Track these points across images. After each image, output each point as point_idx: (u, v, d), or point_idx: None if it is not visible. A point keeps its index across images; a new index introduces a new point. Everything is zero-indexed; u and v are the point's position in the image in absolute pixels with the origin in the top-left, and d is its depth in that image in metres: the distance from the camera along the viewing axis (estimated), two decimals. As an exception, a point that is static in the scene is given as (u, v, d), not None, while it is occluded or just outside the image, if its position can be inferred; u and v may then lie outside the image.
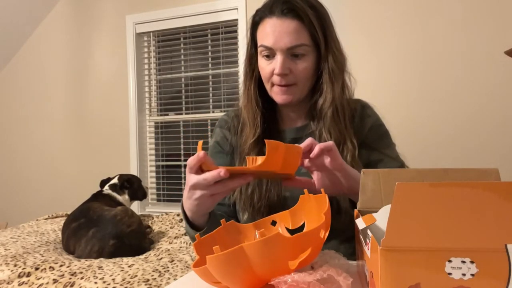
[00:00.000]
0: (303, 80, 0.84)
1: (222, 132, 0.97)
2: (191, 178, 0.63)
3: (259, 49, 0.85)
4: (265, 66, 0.84)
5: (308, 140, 0.67)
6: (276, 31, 0.80)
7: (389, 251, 0.39)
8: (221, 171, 0.59)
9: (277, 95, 0.85)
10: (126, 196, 1.94)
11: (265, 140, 0.60)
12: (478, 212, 0.37)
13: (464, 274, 0.38)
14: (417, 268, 0.39)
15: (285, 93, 0.84)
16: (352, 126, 0.87)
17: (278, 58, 0.81)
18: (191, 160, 0.62)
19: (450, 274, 0.38)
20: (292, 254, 0.46)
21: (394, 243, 0.39)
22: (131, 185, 1.98)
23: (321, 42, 0.83)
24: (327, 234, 0.51)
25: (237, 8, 2.53)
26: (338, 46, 0.87)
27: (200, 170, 0.62)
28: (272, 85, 0.85)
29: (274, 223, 0.68)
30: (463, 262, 0.38)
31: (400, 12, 2.19)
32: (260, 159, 0.67)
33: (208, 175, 0.60)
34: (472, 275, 0.38)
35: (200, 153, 0.60)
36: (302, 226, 0.66)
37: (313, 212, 0.64)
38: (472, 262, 0.38)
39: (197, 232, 0.72)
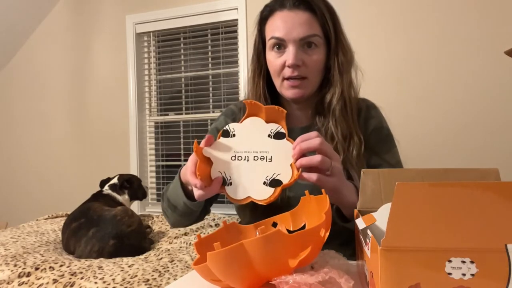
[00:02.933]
0: (314, 73, 0.83)
1: (226, 121, 0.95)
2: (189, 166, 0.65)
3: (269, 42, 0.83)
4: (275, 59, 0.82)
5: (314, 134, 0.64)
6: (288, 22, 0.79)
7: (389, 251, 0.39)
8: (196, 184, 0.61)
9: (287, 89, 0.83)
10: (126, 196, 1.94)
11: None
12: (478, 212, 0.37)
13: (464, 274, 0.38)
14: (417, 268, 0.39)
15: (297, 87, 0.82)
16: (358, 123, 0.86)
17: (291, 49, 0.79)
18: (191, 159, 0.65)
19: (450, 274, 0.38)
20: (292, 251, 0.46)
21: (394, 243, 0.39)
22: (131, 185, 1.98)
23: (331, 35, 0.82)
24: (327, 234, 0.50)
25: (237, 8, 2.53)
26: (347, 40, 0.86)
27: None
28: (283, 79, 0.83)
29: (275, 224, 0.68)
30: (463, 262, 0.38)
31: (400, 11, 2.19)
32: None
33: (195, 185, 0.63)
34: (472, 275, 0.38)
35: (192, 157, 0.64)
36: (303, 228, 0.66)
37: (314, 213, 0.64)
38: (472, 262, 0.38)
39: (189, 200, 0.77)
